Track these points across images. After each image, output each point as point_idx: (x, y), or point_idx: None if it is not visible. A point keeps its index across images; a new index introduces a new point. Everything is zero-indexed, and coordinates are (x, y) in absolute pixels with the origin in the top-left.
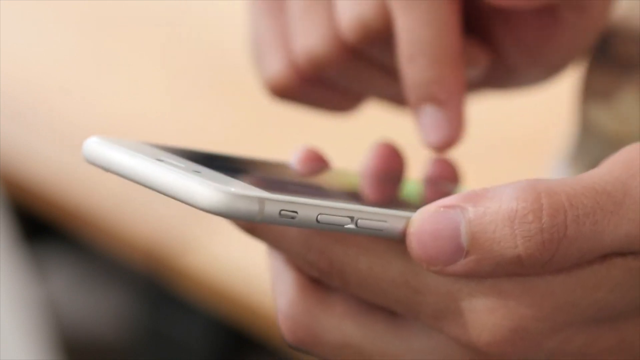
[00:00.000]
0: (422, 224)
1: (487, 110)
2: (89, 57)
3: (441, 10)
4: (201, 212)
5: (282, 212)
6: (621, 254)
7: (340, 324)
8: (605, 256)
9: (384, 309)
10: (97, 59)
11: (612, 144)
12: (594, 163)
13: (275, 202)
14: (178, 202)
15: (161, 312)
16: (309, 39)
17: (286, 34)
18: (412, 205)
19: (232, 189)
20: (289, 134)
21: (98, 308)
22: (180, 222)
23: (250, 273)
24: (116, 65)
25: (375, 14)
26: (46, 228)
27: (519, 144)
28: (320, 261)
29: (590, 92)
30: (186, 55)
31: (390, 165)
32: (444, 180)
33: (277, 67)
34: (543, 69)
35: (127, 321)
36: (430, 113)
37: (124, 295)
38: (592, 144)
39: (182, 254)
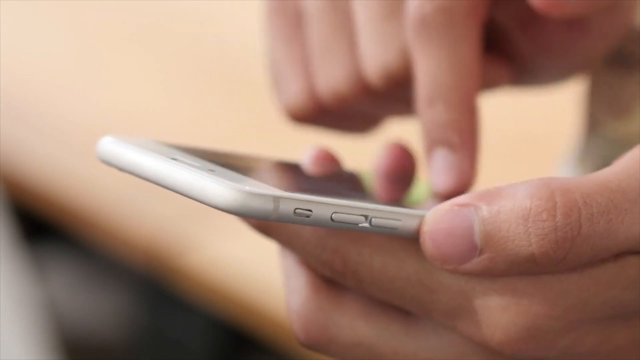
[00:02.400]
0: (436, 222)
1: (492, 111)
2: (89, 57)
3: (461, 55)
4: (200, 212)
5: (297, 211)
6: (635, 252)
7: (353, 323)
8: (619, 254)
9: (397, 308)
10: (98, 59)
11: (620, 144)
12: (600, 163)
13: (290, 200)
14: (194, 201)
15: (161, 312)
16: (332, 76)
17: (305, 62)
18: (424, 205)
19: (247, 188)
20: (288, 133)
21: (98, 308)
22: (180, 222)
23: (250, 273)
24: (116, 65)
25: (399, 62)
26: (46, 228)
27: (525, 145)
28: (334, 261)
29: (596, 92)
30: (185, 54)
31: (402, 165)
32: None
33: (296, 94)
34: (564, 71)
35: (127, 321)
36: (442, 157)
37: (124, 295)
38: (598, 144)
39: (182, 254)
